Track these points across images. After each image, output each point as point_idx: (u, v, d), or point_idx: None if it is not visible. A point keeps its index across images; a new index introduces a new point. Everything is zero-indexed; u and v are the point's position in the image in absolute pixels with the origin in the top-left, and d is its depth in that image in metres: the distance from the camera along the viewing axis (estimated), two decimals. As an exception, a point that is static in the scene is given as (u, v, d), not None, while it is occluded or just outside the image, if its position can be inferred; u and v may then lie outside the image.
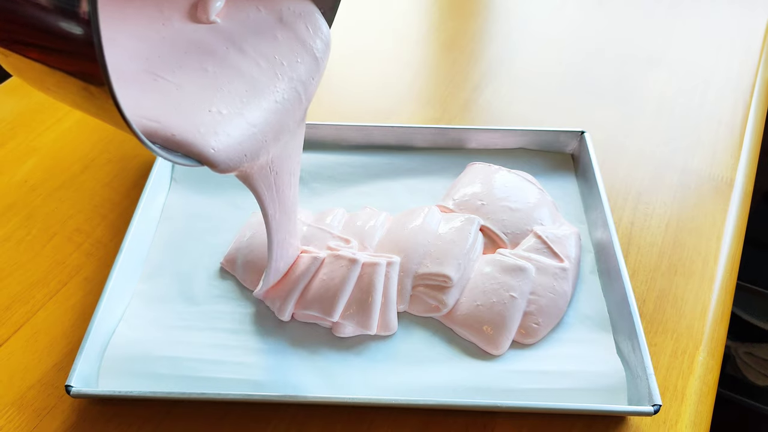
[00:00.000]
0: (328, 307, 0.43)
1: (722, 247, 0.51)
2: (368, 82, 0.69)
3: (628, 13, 0.78)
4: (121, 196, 0.55)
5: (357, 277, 0.43)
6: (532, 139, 0.57)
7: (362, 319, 0.43)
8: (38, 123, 0.62)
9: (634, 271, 0.49)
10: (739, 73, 0.69)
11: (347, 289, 0.43)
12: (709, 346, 0.45)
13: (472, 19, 0.79)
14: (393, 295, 0.44)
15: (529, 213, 0.49)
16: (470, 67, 0.70)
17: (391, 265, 0.44)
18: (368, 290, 0.43)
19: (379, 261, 0.44)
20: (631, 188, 0.56)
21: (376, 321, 0.43)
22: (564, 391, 0.40)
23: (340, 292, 0.43)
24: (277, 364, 0.42)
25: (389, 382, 0.41)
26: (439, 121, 0.63)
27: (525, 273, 0.44)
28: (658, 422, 0.40)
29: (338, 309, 0.43)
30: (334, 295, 0.43)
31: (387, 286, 0.44)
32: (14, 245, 0.51)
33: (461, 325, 0.44)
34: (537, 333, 0.43)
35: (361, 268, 0.44)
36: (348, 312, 0.43)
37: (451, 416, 0.40)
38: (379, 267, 0.44)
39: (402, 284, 0.45)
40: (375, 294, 0.43)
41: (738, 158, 0.59)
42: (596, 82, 0.68)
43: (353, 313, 0.43)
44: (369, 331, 0.43)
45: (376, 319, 0.43)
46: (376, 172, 0.55)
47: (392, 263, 0.45)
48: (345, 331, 0.43)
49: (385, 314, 0.44)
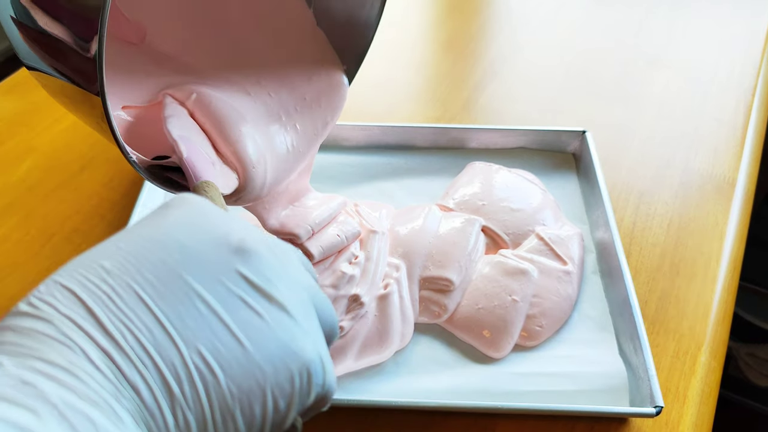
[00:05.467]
0: (337, 360, 0.41)
1: (724, 247, 0.51)
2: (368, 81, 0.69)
3: (630, 12, 0.78)
4: (119, 195, 0.55)
5: (372, 316, 0.42)
6: (533, 138, 0.56)
7: (380, 349, 0.42)
8: (36, 122, 0.62)
9: (636, 272, 0.49)
10: (741, 72, 0.69)
11: (362, 333, 0.41)
12: (711, 346, 0.45)
13: (472, 18, 0.78)
14: (410, 313, 0.43)
15: (531, 213, 0.48)
16: (471, 67, 0.70)
17: (400, 283, 0.43)
18: (386, 323, 0.42)
19: (391, 290, 0.43)
20: (633, 188, 0.55)
21: (395, 348, 0.42)
22: (565, 392, 0.40)
23: (354, 340, 0.41)
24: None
25: (389, 385, 0.41)
26: (440, 120, 0.63)
27: (527, 276, 0.44)
28: (660, 424, 0.40)
29: (353, 356, 0.41)
30: (347, 343, 0.41)
31: (402, 305, 0.43)
32: (12, 245, 0.51)
33: (462, 329, 0.43)
34: (540, 336, 0.43)
35: (376, 301, 0.42)
36: (364, 353, 0.41)
37: (452, 418, 0.40)
38: (392, 296, 0.42)
39: (410, 292, 0.44)
40: (393, 324, 0.42)
41: (740, 158, 0.59)
42: (598, 81, 0.68)
43: (372, 347, 0.42)
44: (387, 357, 0.42)
45: (395, 347, 0.42)
46: (376, 172, 0.55)
47: (399, 280, 0.43)
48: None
49: (404, 330, 0.43)
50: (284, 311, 0.21)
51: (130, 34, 0.38)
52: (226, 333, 0.20)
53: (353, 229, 0.44)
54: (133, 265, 0.21)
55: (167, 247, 0.21)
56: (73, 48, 0.28)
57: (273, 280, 0.22)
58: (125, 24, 0.37)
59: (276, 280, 0.22)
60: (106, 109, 0.28)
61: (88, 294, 0.20)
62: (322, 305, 0.24)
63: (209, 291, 0.21)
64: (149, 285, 0.21)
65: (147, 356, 0.20)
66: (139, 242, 0.22)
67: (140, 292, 0.20)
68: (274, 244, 0.23)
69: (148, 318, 0.20)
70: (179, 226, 0.22)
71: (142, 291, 0.20)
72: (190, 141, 0.34)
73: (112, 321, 0.20)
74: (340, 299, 0.41)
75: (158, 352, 0.20)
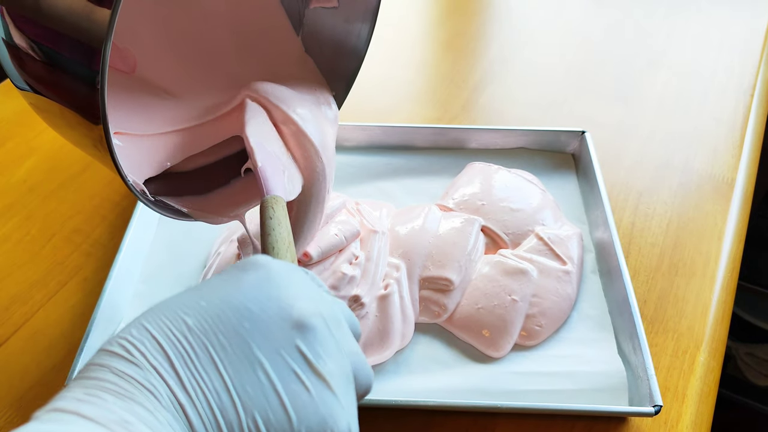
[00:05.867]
0: None
1: (723, 247, 0.51)
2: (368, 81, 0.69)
3: (629, 13, 0.78)
4: (120, 196, 0.55)
5: (373, 316, 0.42)
6: (532, 138, 0.56)
7: (381, 349, 0.42)
8: (37, 123, 0.62)
9: (635, 271, 0.49)
10: (740, 72, 0.69)
11: (362, 334, 0.41)
12: (710, 346, 0.45)
13: (472, 18, 0.79)
14: (410, 313, 0.43)
15: (531, 213, 0.48)
16: (471, 67, 0.70)
17: (400, 283, 0.43)
18: (386, 323, 0.42)
19: (391, 290, 0.43)
20: (632, 188, 0.56)
21: (396, 348, 0.42)
22: (565, 391, 0.40)
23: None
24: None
25: (389, 385, 0.41)
26: (440, 120, 0.63)
27: (526, 276, 0.44)
28: (659, 423, 0.40)
29: None
30: None
31: (403, 305, 0.43)
32: (13, 246, 0.51)
33: (462, 328, 0.43)
34: (539, 335, 0.43)
35: (377, 302, 0.43)
36: (365, 354, 0.41)
37: (451, 417, 0.40)
38: (392, 297, 0.43)
39: (410, 292, 0.44)
40: (394, 325, 0.42)
41: (739, 158, 0.59)
42: (597, 81, 0.68)
43: (373, 347, 0.42)
44: (388, 357, 0.42)
45: (396, 347, 0.42)
46: (376, 172, 0.55)
47: (400, 280, 0.43)
48: None
49: (405, 330, 0.43)
50: (328, 388, 0.24)
51: (119, 62, 0.38)
52: (277, 404, 0.23)
53: (352, 229, 0.44)
54: (211, 327, 0.24)
55: (240, 315, 0.24)
56: (74, 76, 0.28)
57: (323, 356, 0.25)
58: (115, 51, 0.38)
59: (326, 356, 0.25)
60: (107, 135, 0.28)
61: (171, 348, 0.23)
62: (359, 368, 0.27)
63: (270, 361, 0.24)
64: (222, 349, 0.24)
65: (212, 415, 0.23)
66: (217, 305, 0.25)
67: (213, 354, 0.23)
68: (328, 315, 0.26)
69: (217, 380, 0.23)
70: (251, 293, 0.25)
71: (215, 354, 0.23)
72: (265, 149, 0.36)
73: (189, 378, 0.23)
74: (342, 300, 0.41)
75: (221, 413, 0.23)
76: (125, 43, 0.38)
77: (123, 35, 0.38)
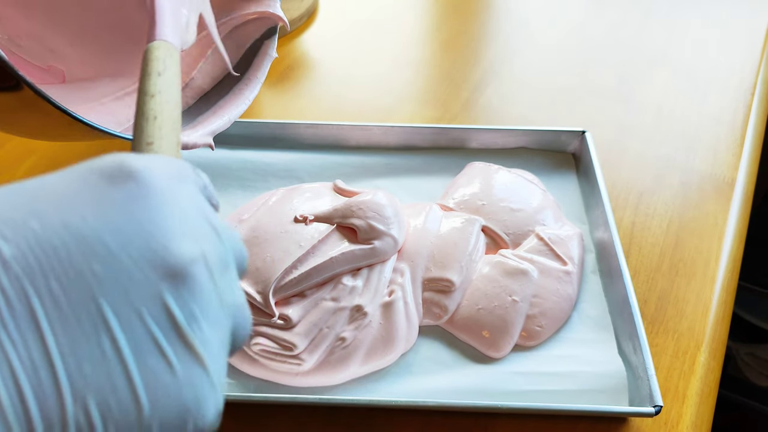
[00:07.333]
0: (341, 368, 0.40)
1: (724, 247, 0.51)
2: (368, 81, 0.69)
3: (629, 12, 0.78)
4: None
5: (378, 324, 0.42)
6: (533, 138, 0.56)
7: (385, 354, 0.41)
8: (37, 123, 0.62)
9: (635, 271, 0.49)
10: (741, 72, 0.69)
11: (366, 341, 0.41)
12: (711, 346, 0.45)
13: (472, 18, 0.79)
14: (414, 317, 0.43)
15: (531, 213, 0.48)
16: (471, 67, 0.70)
17: (404, 289, 0.43)
18: (391, 330, 0.41)
19: (396, 297, 0.42)
20: (633, 188, 0.56)
21: (400, 353, 0.42)
22: (565, 392, 0.40)
23: (358, 349, 0.41)
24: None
25: (390, 385, 0.41)
26: (440, 120, 0.63)
27: (527, 276, 0.44)
28: (659, 423, 0.40)
29: (358, 363, 0.41)
30: (350, 352, 0.40)
31: (407, 311, 0.43)
32: (13, 246, 0.51)
33: (462, 329, 0.43)
34: (540, 336, 0.43)
35: (380, 309, 0.42)
36: (369, 360, 0.41)
37: (451, 418, 0.40)
38: (397, 303, 0.42)
39: (414, 296, 0.44)
40: (398, 331, 0.42)
41: (739, 158, 0.59)
42: (597, 81, 0.68)
43: (377, 354, 0.41)
44: (392, 362, 0.42)
45: (400, 351, 0.42)
46: (376, 172, 0.55)
47: (404, 286, 0.43)
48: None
49: (409, 335, 0.43)
50: (198, 363, 0.18)
51: (50, 78, 0.39)
52: (125, 386, 0.16)
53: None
54: (40, 265, 0.16)
55: (89, 251, 0.16)
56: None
57: (199, 317, 0.18)
58: (39, 74, 0.38)
59: (202, 317, 0.18)
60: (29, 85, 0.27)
61: None
62: (239, 323, 0.20)
63: (122, 325, 0.16)
64: (52, 302, 0.16)
65: (20, 403, 0.15)
66: (56, 230, 0.16)
67: (37, 309, 0.16)
68: (213, 257, 0.19)
69: (36, 349, 0.15)
70: (113, 220, 0.17)
71: (40, 308, 0.16)
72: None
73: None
74: (342, 310, 0.41)
75: (36, 402, 0.15)
76: (48, 62, 0.39)
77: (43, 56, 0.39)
